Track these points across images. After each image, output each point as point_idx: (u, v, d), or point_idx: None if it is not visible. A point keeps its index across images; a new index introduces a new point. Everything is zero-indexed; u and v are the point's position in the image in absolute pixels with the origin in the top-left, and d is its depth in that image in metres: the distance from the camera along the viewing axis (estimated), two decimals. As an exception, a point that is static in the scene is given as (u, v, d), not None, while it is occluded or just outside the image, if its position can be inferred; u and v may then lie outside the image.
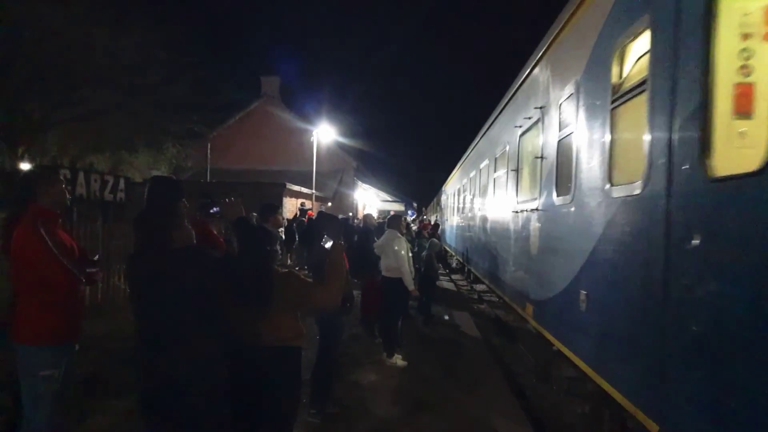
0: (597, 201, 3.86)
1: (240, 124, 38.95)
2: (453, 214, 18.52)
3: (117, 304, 8.56)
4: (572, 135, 4.46)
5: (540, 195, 5.56)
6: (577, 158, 4.31)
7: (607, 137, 3.67)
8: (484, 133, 10.93)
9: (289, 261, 16.60)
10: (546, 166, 5.37)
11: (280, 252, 6.12)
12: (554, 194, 4.98)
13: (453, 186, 19.39)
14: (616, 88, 3.61)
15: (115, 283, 9.24)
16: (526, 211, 6.21)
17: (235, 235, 3.25)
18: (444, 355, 7.85)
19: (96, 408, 5.04)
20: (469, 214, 13.41)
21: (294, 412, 3.35)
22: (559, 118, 4.93)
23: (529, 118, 6.18)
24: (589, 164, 4.01)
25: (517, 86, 7.15)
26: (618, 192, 3.47)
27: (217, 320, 2.78)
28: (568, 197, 4.49)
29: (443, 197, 25.08)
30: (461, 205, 15.76)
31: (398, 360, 7.27)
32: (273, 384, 3.10)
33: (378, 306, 8.03)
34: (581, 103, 4.29)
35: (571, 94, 4.53)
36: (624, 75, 3.61)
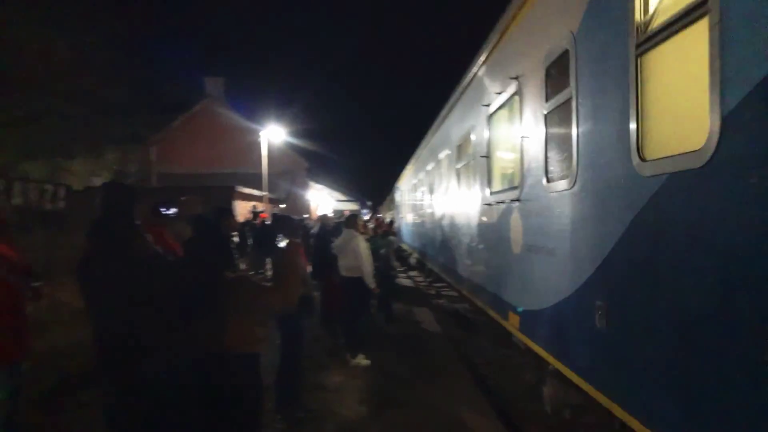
0: (617, 182, 2.96)
1: (184, 126, 37.82)
2: (409, 211, 18.35)
3: (63, 319, 8.13)
4: (570, 103, 3.60)
5: (523, 182, 4.66)
6: (579, 131, 3.48)
7: (629, 96, 2.82)
8: (443, 121, 9.88)
9: (242, 266, 16.23)
10: (530, 146, 4.49)
11: (236, 256, 5.97)
12: (544, 180, 4.11)
13: (408, 181, 18.59)
14: (642, 27, 2.75)
15: (61, 298, 8.78)
16: (504, 202, 5.27)
17: (193, 231, 3.14)
18: (407, 351, 7.84)
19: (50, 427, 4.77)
20: (429, 210, 12.34)
21: (256, 419, 3.25)
22: (546, 86, 4.07)
23: (501, 92, 5.39)
24: (601, 137, 3.19)
25: (483, 58, 6.20)
26: (648, 169, 2.64)
27: (179, 327, 2.67)
28: (567, 182, 3.68)
29: (398, 194, 24.97)
30: (418, 201, 15.13)
31: (362, 359, 7.21)
32: (233, 392, 3.01)
33: (339, 307, 7.94)
34: (583, 60, 3.44)
35: (565, 51, 3.69)
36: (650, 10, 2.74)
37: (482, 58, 6.27)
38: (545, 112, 4.11)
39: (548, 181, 4.09)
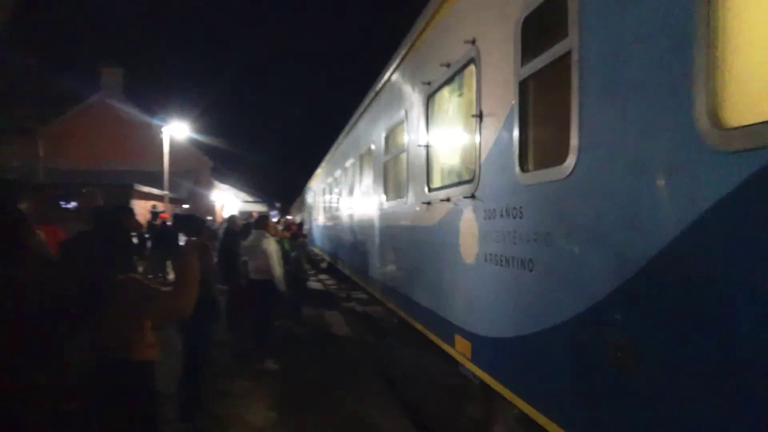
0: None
1: (77, 120, 35.27)
2: (323, 214, 18.09)
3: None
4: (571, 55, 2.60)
5: (478, 176, 3.72)
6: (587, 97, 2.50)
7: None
8: (366, 109, 8.78)
9: (140, 269, 15.34)
10: (493, 127, 3.48)
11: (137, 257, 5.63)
12: (517, 168, 3.12)
13: (323, 180, 17.64)
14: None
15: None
16: (450, 201, 4.30)
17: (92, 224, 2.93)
18: (317, 354, 7.77)
19: None
20: (348, 212, 11.35)
21: (148, 429, 3.05)
22: (522, 43, 3.10)
23: (449, 65, 4.31)
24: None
25: (423, 26, 5.15)
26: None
27: (63, 335, 2.48)
28: (560, 169, 2.67)
29: (309, 195, 24.54)
30: (334, 202, 14.44)
31: (270, 364, 7.05)
32: (122, 401, 2.81)
33: (247, 310, 7.72)
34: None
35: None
36: None
37: (422, 25, 5.20)
38: (520, 80, 3.12)
39: (524, 170, 3.10)
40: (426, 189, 5.02)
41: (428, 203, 4.93)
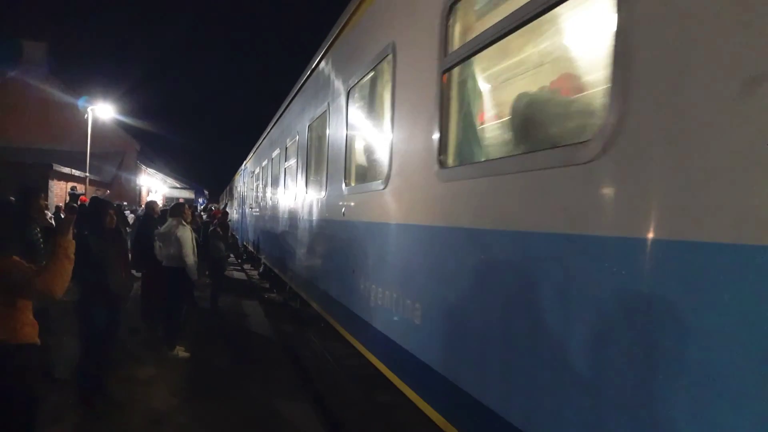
0: None
1: (-7, 94, 33.05)
2: (248, 204, 17.79)
3: None
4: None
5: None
6: None
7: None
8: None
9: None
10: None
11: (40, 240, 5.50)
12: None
13: (250, 171, 17.50)
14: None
15: None
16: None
17: None
18: (231, 344, 7.81)
19: None
20: (271, 204, 11.05)
21: (27, 412, 3.07)
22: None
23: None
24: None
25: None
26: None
27: None
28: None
29: (237, 185, 24.12)
30: (259, 194, 14.18)
31: (181, 351, 7.05)
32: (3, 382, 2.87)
33: (159, 297, 7.67)
34: None
35: None
36: None
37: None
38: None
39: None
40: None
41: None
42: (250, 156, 17.88)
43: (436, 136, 3.09)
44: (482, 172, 2.66)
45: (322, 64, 6.33)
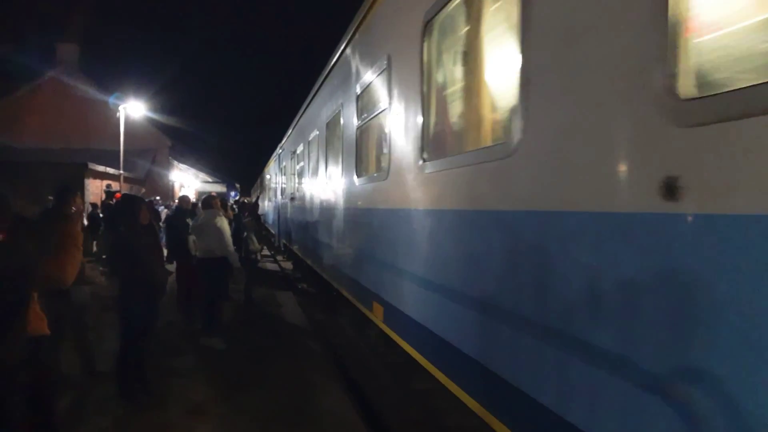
0: None
1: (31, 96, 33.98)
2: (277, 195, 17.80)
3: None
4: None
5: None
6: None
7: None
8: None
9: (94, 249, 15.10)
10: None
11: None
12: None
13: (278, 164, 17.73)
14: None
15: None
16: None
17: None
18: (266, 335, 7.86)
19: None
20: (298, 194, 11.02)
21: (41, 403, 3.09)
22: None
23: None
24: None
25: None
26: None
27: None
28: None
29: (266, 178, 24.23)
30: (287, 186, 14.13)
31: (217, 342, 7.14)
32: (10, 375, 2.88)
33: (196, 290, 7.78)
34: None
35: None
36: None
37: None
38: None
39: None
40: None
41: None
42: (276, 151, 17.98)
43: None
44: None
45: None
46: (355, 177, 5.84)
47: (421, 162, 3.72)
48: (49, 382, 3.08)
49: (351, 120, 5.99)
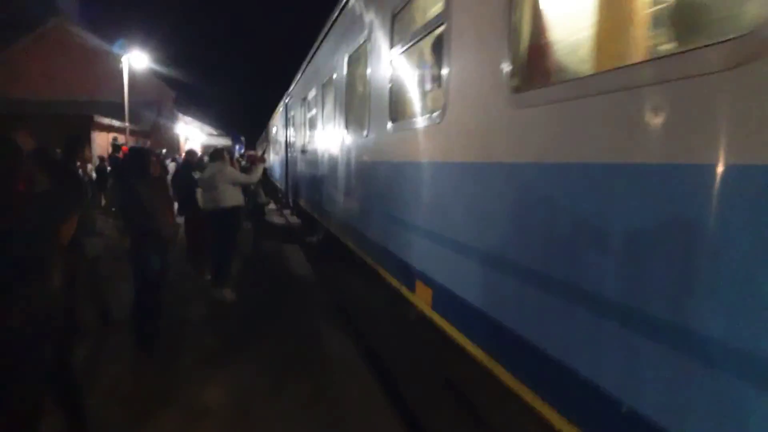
0: None
1: (32, 47, 33.42)
2: (284, 148, 17.29)
3: None
4: None
5: None
6: None
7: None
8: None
9: (103, 202, 15.22)
10: None
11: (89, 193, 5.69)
12: None
13: (285, 114, 16.68)
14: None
15: None
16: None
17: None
18: (274, 286, 8.03)
19: None
20: (310, 146, 10.27)
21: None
22: None
23: None
24: None
25: None
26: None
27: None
28: None
29: (272, 129, 23.97)
30: (295, 136, 13.48)
31: (228, 294, 7.29)
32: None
33: (205, 242, 7.89)
34: None
35: None
36: None
37: None
38: None
39: None
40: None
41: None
42: (283, 99, 17.54)
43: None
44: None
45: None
46: (389, 123, 4.63)
47: (508, 93, 2.63)
48: (66, 330, 3.15)
49: (381, 49, 4.81)
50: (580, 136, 2.11)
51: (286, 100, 16.65)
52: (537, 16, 2.61)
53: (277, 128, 21.23)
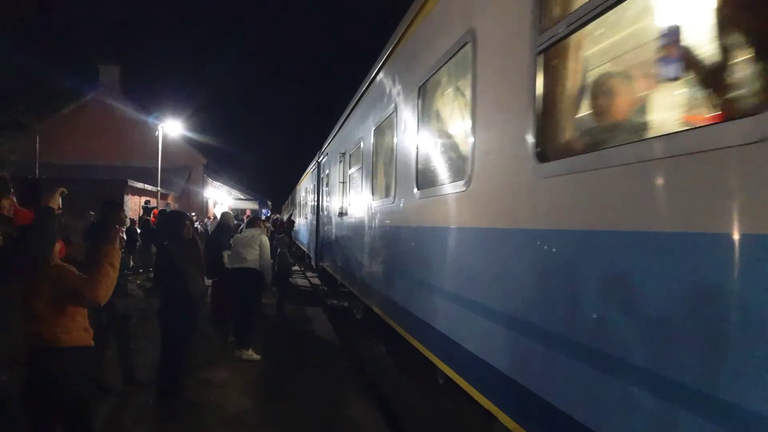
0: None
1: (75, 116, 35.48)
2: (310, 212, 17.67)
3: None
4: None
5: None
6: None
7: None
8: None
9: (131, 263, 15.54)
10: None
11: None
12: None
13: (312, 180, 16.70)
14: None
15: None
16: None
17: None
18: (297, 348, 8.01)
19: None
20: (339, 212, 9.86)
21: (81, 411, 3.21)
22: None
23: None
24: None
25: None
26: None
27: None
28: None
29: (298, 196, 24.40)
30: (322, 203, 13.63)
31: (252, 354, 7.29)
32: (49, 387, 3.03)
33: (230, 304, 7.96)
34: None
35: None
36: None
37: None
38: None
39: None
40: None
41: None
42: (325, 147, 16.27)
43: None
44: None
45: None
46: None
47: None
48: (83, 392, 3.20)
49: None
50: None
51: (319, 159, 15.90)
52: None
53: (304, 192, 21.52)
